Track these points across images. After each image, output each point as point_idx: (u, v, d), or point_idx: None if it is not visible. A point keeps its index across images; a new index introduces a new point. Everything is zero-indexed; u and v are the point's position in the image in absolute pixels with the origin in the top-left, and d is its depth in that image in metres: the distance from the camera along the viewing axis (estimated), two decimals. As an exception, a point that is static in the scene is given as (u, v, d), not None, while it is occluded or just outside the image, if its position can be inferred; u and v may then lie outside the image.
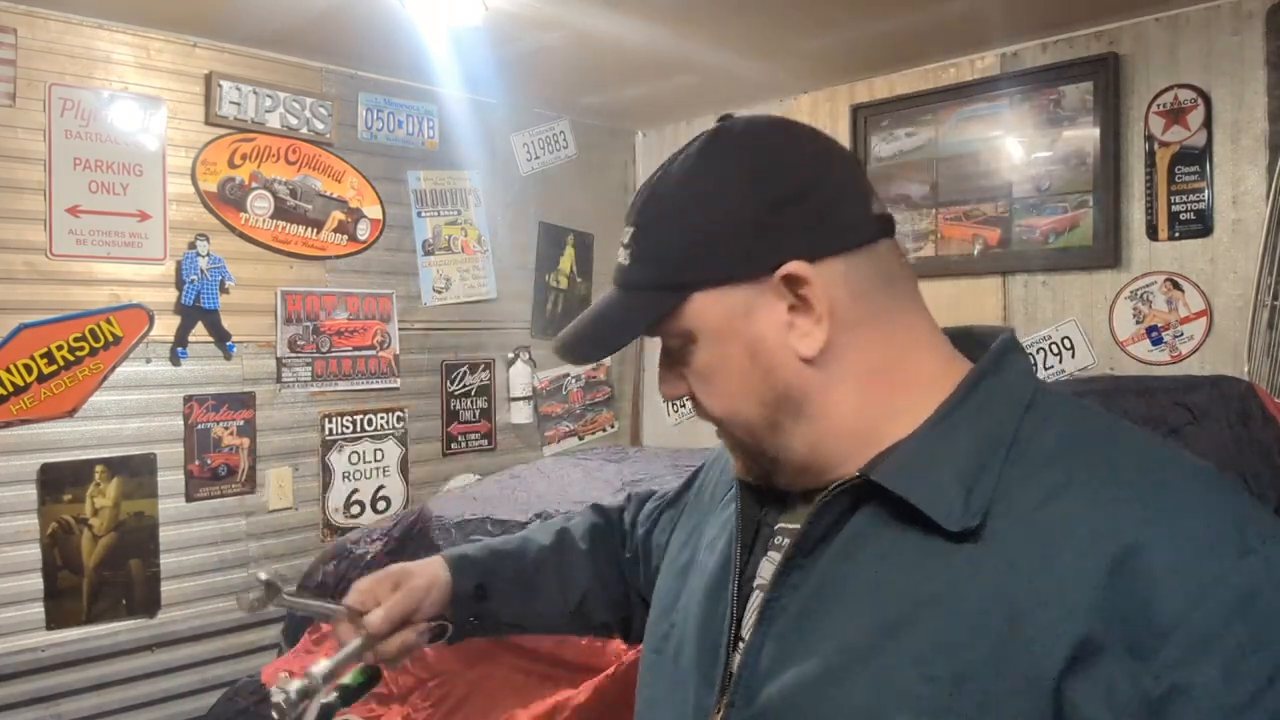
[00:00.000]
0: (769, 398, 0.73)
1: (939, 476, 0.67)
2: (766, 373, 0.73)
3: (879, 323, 0.72)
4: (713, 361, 0.75)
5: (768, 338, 0.72)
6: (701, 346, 0.74)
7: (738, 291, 0.72)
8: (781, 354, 0.72)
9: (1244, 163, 2.64)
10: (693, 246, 0.73)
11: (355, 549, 2.39)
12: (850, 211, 0.73)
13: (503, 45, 2.94)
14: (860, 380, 0.72)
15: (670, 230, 0.74)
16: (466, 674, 2.06)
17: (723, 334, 0.73)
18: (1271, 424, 1.89)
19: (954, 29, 2.90)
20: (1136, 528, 0.59)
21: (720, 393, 0.76)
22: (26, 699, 2.53)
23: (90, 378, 2.65)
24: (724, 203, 0.72)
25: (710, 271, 0.72)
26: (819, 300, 0.70)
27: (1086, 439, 0.67)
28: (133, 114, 2.74)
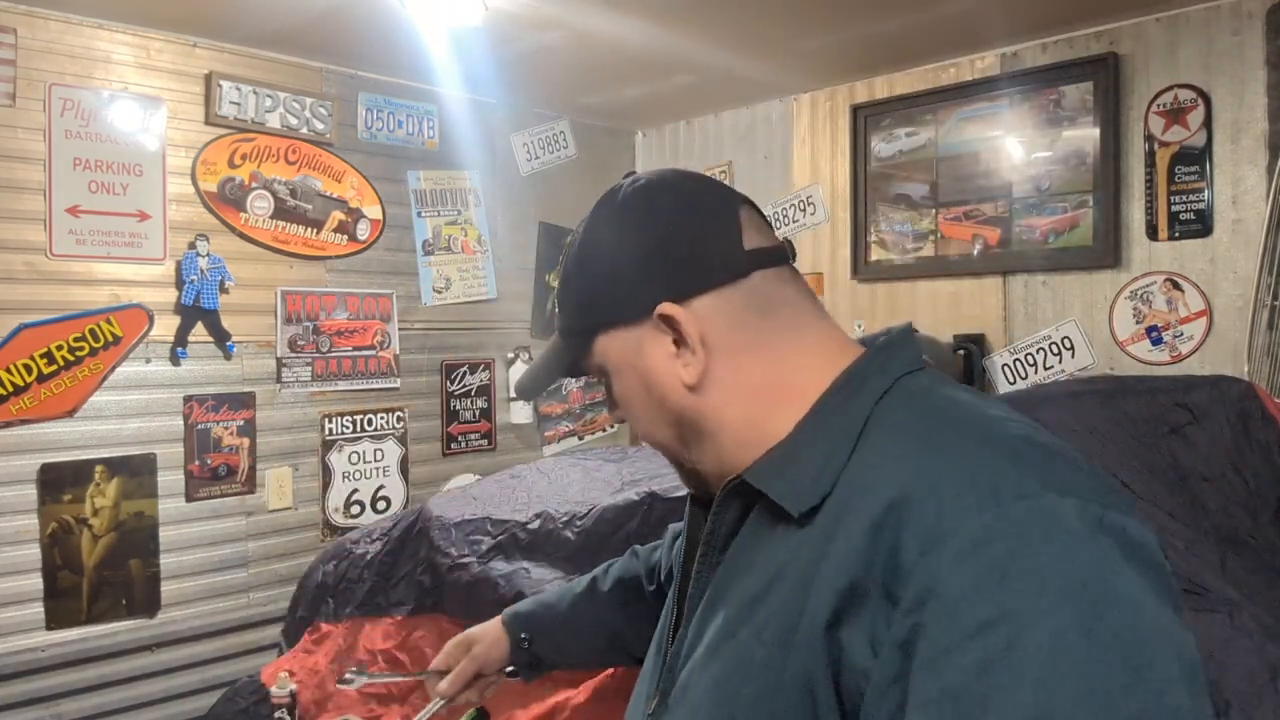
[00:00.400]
0: (670, 419, 0.83)
1: (796, 469, 0.74)
2: (661, 400, 0.82)
3: (758, 346, 0.79)
4: (623, 392, 0.86)
5: (657, 369, 0.81)
6: (614, 380, 0.86)
7: (630, 332, 0.82)
8: (670, 382, 0.81)
9: (1244, 163, 2.64)
10: (592, 295, 0.85)
11: (355, 549, 2.39)
12: (714, 251, 0.80)
13: (503, 45, 2.94)
14: (744, 398, 0.80)
15: (577, 281, 0.87)
16: (466, 674, 2.05)
17: (623, 368, 0.84)
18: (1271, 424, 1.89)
19: (954, 29, 2.90)
20: (906, 481, 0.64)
21: (637, 418, 0.87)
22: (26, 699, 2.53)
23: (90, 378, 2.65)
24: (610, 255, 0.83)
25: (606, 316, 0.83)
26: (691, 334, 0.78)
27: (919, 415, 0.72)
28: (133, 114, 2.74)
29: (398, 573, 2.24)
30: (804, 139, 3.66)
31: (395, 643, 2.16)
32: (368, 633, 2.21)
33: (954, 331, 3.20)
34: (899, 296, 3.39)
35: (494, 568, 2.07)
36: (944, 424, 0.70)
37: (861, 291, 3.48)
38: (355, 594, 2.28)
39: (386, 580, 2.25)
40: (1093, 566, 0.57)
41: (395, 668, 2.14)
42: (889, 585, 0.61)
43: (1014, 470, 0.63)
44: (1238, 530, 1.64)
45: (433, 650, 2.10)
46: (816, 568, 0.66)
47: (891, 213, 3.38)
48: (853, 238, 3.47)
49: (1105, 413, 1.83)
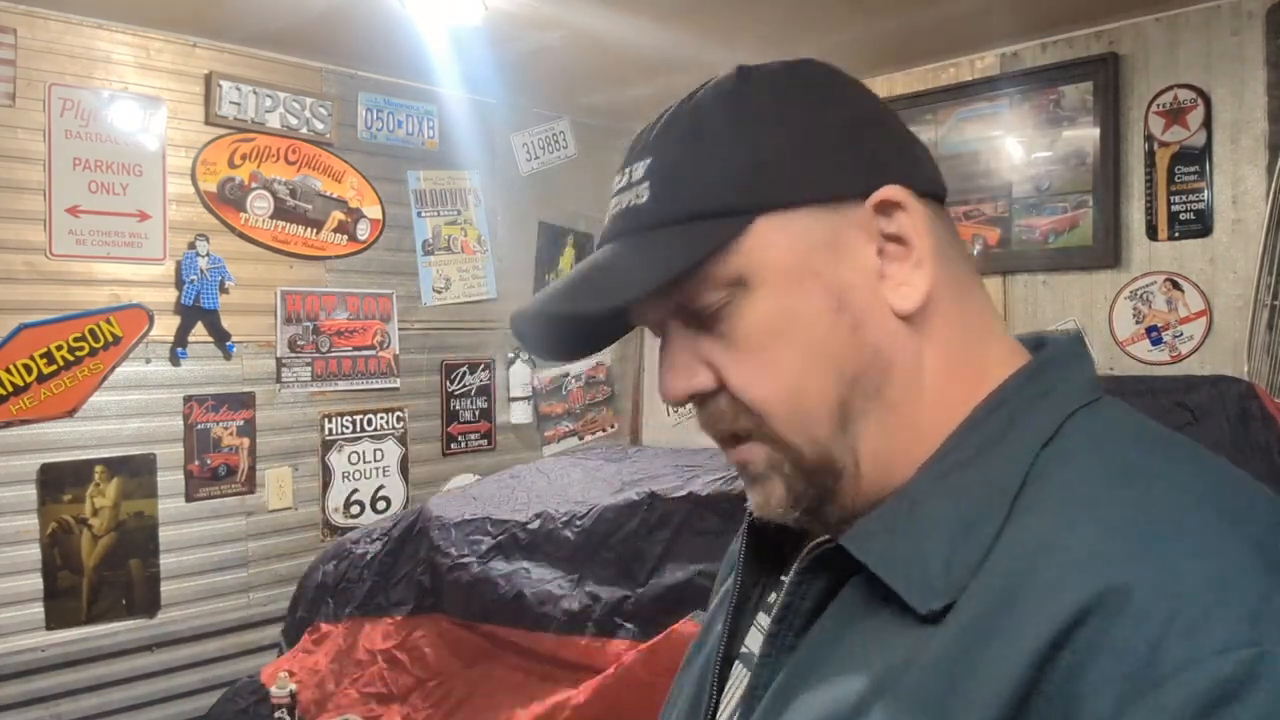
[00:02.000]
0: (850, 368, 0.55)
1: (922, 541, 0.52)
2: (855, 329, 0.55)
3: (957, 293, 0.58)
4: (777, 316, 0.55)
5: (860, 284, 0.55)
6: (759, 297, 0.55)
7: (817, 219, 0.55)
8: (874, 307, 0.55)
9: (1244, 163, 2.64)
10: (758, 159, 0.55)
11: (355, 549, 2.39)
12: (925, 157, 0.60)
13: (502, 45, 2.94)
14: (951, 356, 0.57)
15: (721, 146, 0.56)
16: (466, 674, 2.06)
17: (798, 275, 0.55)
18: (1271, 424, 1.89)
19: (954, 29, 2.90)
20: (1108, 577, 0.43)
21: (782, 367, 0.55)
22: (26, 699, 2.53)
23: (90, 378, 2.65)
24: (792, 117, 0.56)
25: (783, 190, 0.55)
26: (920, 237, 0.55)
27: (1116, 472, 0.50)
28: (133, 114, 2.74)
29: (398, 573, 2.25)
30: (804, 139, 3.66)
31: (395, 642, 2.16)
32: (368, 633, 2.21)
33: (954, 331, 3.20)
34: (899, 296, 3.38)
35: (494, 568, 2.07)
36: (1160, 489, 0.47)
37: (861, 291, 3.48)
38: (355, 594, 2.28)
39: (386, 580, 2.25)
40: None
41: (395, 667, 2.14)
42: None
43: (1267, 580, 0.42)
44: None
45: (432, 650, 2.10)
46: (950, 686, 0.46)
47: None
48: (853, 238, 3.47)
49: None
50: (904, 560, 0.52)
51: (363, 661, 2.18)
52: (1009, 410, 0.55)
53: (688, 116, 0.59)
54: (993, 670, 0.44)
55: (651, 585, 1.85)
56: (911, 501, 0.54)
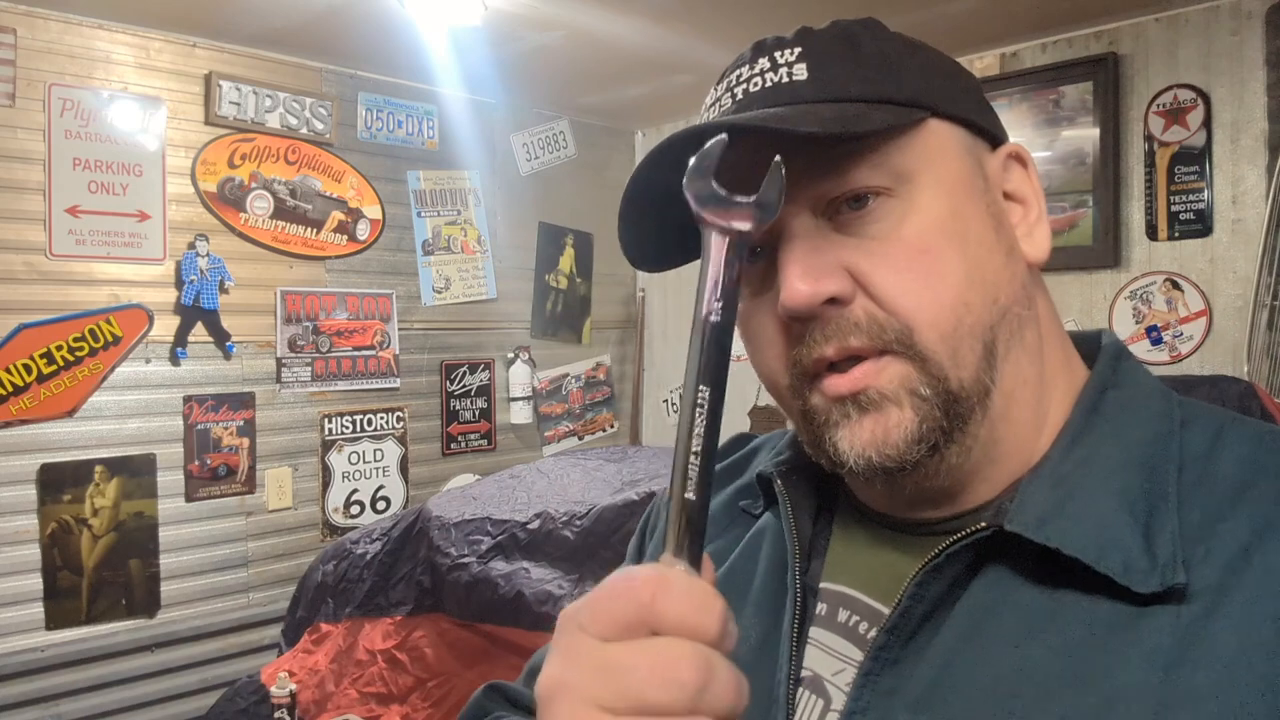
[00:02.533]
0: (1003, 297, 0.51)
1: (1101, 517, 0.47)
2: (1009, 256, 0.52)
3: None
4: (949, 220, 0.51)
5: (1006, 216, 0.54)
6: (932, 195, 0.51)
7: (976, 142, 0.54)
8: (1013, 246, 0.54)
9: (1243, 162, 2.64)
10: (929, 66, 0.54)
11: (355, 549, 2.39)
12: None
13: (502, 45, 2.94)
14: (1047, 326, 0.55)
15: (888, 47, 0.54)
16: (466, 674, 2.06)
17: (968, 183, 0.52)
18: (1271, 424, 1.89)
19: (954, 29, 2.90)
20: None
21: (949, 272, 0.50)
22: (26, 699, 2.53)
23: (90, 378, 2.65)
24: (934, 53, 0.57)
25: (959, 102, 0.54)
26: (1038, 196, 0.55)
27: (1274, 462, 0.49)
28: (132, 114, 2.74)
29: (397, 573, 2.25)
30: (804, 139, 3.66)
31: (395, 642, 2.16)
32: (367, 633, 2.21)
33: (954, 331, 3.20)
34: (899, 296, 3.38)
35: (494, 568, 2.07)
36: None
37: (861, 291, 3.48)
38: (355, 594, 2.28)
39: (386, 580, 2.25)
40: None
41: (395, 667, 2.14)
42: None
43: None
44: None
45: (432, 650, 2.10)
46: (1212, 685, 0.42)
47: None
48: (852, 238, 3.47)
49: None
50: (1096, 542, 0.46)
51: (363, 661, 2.18)
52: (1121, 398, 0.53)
53: (828, 32, 0.55)
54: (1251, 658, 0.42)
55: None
56: (1067, 486, 0.49)
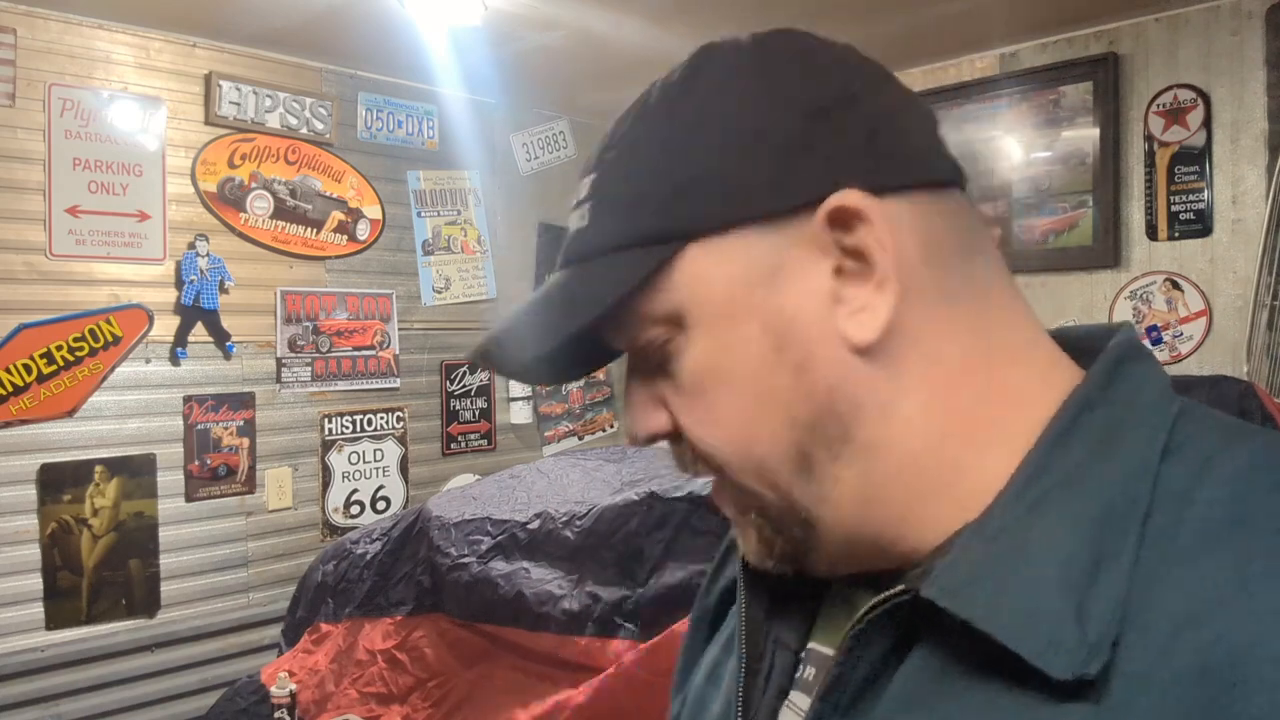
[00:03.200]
0: (803, 414, 0.47)
1: (1034, 582, 0.41)
2: (800, 370, 0.46)
3: (960, 302, 0.47)
4: (714, 358, 0.48)
5: (803, 314, 0.46)
6: (697, 335, 0.48)
7: (757, 241, 0.47)
8: (824, 341, 0.46)
9: (1243, 162, 2.64)
10: (688, 175, 0.48)
11: (355, 549, 2.39)
12: (920, 136, 0.50)
13: (502, 45, 2.94)
14: (937, 386, 0.47)
15: (652, 159, 0.49)
16: (466, 674, 2.06)
17: (732, 310, 0.47)
18: (1271, 424, 1.89)
19: (954, 29, 2.90)
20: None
21: (725, 413, 0.49)
22: (26, 699, 2.53)
23: (90, 378, 2.65)
24: (734, 114, 0.48)
25: (715, 210, 0.47)
26: (882, 252, 0.45)
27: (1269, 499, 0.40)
28: (132, 114, 2.74)
29: (397, 573, 2.24)
30: (804, 139, 3.66)
31: (395, 642, 2.16)
32: (367, 633, 2.21)
33: (954, 331, 3.20)
34: (899, 296, 3.38)
35: (494, 568, 2.07)
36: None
37: (861, 291, 3.48)
38: (355, 594, 2.28)
39: (386, 580, 2.25)
40: None
41: (395, 667, 2.14)
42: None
43: None
44: (1237, 530, 1.63)
45: (432, 650, 2.10)
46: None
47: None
48: (852, 238, 3.47)
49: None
50: (1018, 613, 0.40)
51: (363, 661, 2.18)
52: (1103, 419, 0.45)
53: (632, 119, 0.53)
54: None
55: (651, 585, 1.85)
56: (1005, 539, 0.43)
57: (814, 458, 0.47)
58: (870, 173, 0.46)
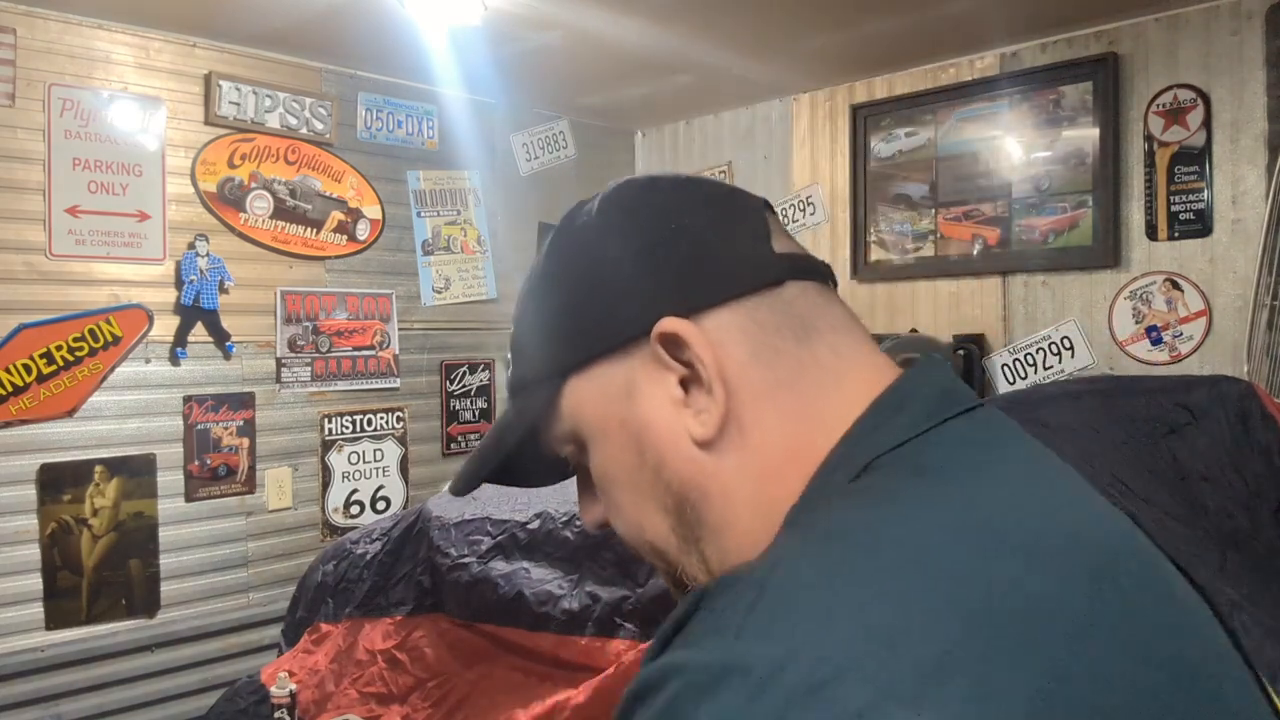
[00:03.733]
0: (669, 503, 0.57)
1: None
2: (659, 468, 0.56)
3: (793, 386, 0.55)
4: (603, 465, 0.60)
5: (656, 421, 0.56)
6: (591, 448, 0.61)
7: (614, 367, 0.58)
8: (674, 441, 0.56)
9: (1243, 162, 2.64)
10: (556, 326, 0.61)
11: (355, 549, 2.39)
12: (738, 247, 0.58)
13: (502, 45, 2.94)
14: (766, 471, 0.54)
15: (535, 316, 0.63)
16: (466, 674, 2.06)
17: (605, 425, 0.59)
18: (1271, 424, 1.89)
19: (954, 29, 2.90)
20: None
21: (621, 507, 0.60)
22: (26, 699, 2.53)
23: (90, 378, 2.65)
24: (589, 264, 0.60)
25: (578, 348, 0.59)
26: (705, 363, 0.54)
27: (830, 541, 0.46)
28: (132, 114, 2.74)
29: (397, 573, 2.24)
30: (804, 139, 3.66)
31: (395, 642, 2.16)
32: (367, 633, 2.21)
33: (954, 332, 3.20)
34: (899, 297, 3.39)
35: (494, 568, 2.07)
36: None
37: (861, 292, 3.48)
38: (355, 594, 2.28)
39: (386, 580, 2.25)
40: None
41: (395, 667, 2.14)
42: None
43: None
44: (1237, 530, 1.64)
45: (432, 650, 2.10)
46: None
47: (891, 213, 3.38)
48: (852, 238, 3.47)
49: (1105, 413, 1.83)
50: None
51: (362, 661, 2.18)
52: (833, 462, 0.52)
53: (528, 277, 0.66)
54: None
55: (651, 585, 1.85)
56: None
57: (688, 538, 0.57)
58: (689, 297, 0.56)
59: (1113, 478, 1.68)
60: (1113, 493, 1.66)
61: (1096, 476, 1.68)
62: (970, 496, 0.46)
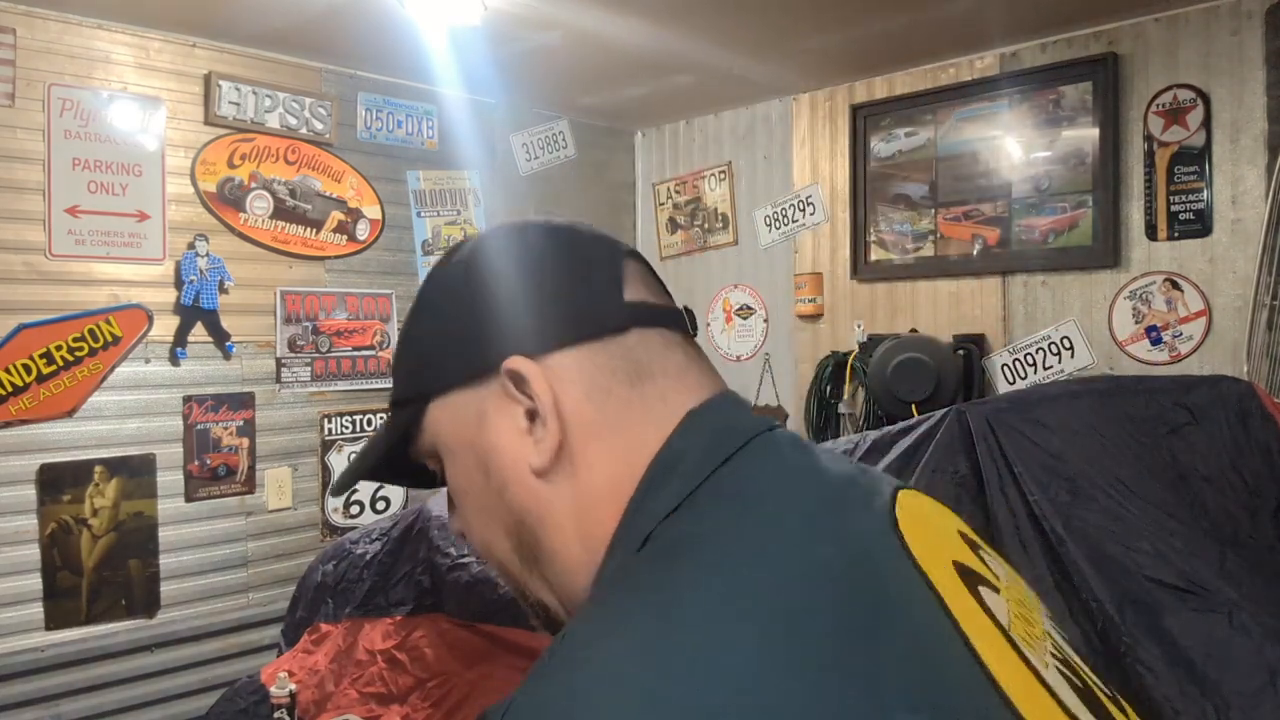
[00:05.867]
0: (510, 524, 0.63)
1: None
2: (500, 491, 0.62)
3: (619, 427, 0.60)
4: (455, 481, 0.66)
5: (501, 447, 0.62)
6: (447, 464, 0.67)
7: (469, 396, 0.63)
8: (515, 467, 0.61)
9: (1243, 162, 2.64)
10: (426, 351, 0.67)
11: (355, 549, 2.39)
12: (582, 296, 0.63)
13: (502, 45, 2.94)
14: (586, 502, 0.60)
15: (407, 343, 0.70)
16: (466, 674, 2.06)
17: (458, 446, 0.65)
18: (1271, 424, 1.89)
19: (954, 29, 2.90)
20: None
21: (469, 521, 0.66)
22: (26, 699, 2.53)
23: (90, 378, 2.65)
24: (452, 302, 0.66)
25: (440, 376, 0.65)
26: (541, 398, 0.60)
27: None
28: (132, 114, 2.74)
29: (397, 573, 2.24)
30: (804, 139, 3.66)
31: (394, 642, 2.16)
32: (367, 633, 2.21)
33: (954, 331, 3.20)
34: (899, 296, 3.39)
35: (494, 568, 2.07)
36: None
37: (861, 291, 3.48)
38: (355, 594, 2.28)
39: (386, 580, 2.25)
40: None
41: (395, 667, 2.14)
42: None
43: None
44: (1237, 530, 1.64)
45: (432, 650, 2.10)
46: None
47: (891, 213, 3.38)
48: (852, 238, 3.47)
49: (1105, 413, 1.83)
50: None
51: (362, 661, 2.18)
52: (634, 502, 0.57)
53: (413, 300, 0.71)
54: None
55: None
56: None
57: (527, 559, 0.62)
58: (538, 339, 0.61)
59: (1113, 478, 1.68)
60: (1113, 493, 1.66)
61: (1096, 476, 1.68)
62: (727, 573, 0.48)
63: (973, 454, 1.82)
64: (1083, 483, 1.67)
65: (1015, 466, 1.74)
